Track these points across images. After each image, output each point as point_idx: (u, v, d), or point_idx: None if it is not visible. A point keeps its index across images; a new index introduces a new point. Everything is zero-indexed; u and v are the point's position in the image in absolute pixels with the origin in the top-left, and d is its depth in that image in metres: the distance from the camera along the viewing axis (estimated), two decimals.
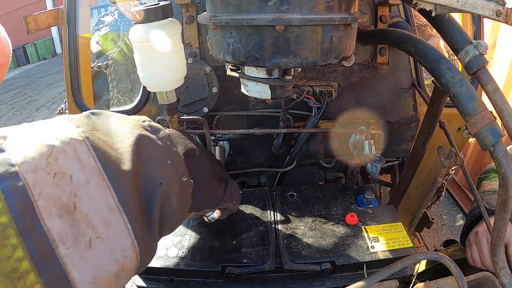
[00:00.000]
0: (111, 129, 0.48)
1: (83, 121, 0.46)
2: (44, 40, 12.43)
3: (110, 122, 0.49)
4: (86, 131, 0.44)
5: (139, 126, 0.52)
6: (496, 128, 0.63)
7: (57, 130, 0.42)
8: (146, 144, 0.50)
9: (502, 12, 0.61)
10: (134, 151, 0.47)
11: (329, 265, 0.73)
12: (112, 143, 0.46)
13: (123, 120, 0.51)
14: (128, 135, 0.48)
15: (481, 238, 1.05)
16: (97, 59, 1.78)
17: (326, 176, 1.18)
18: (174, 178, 0.52)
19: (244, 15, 0.64)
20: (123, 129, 0.49)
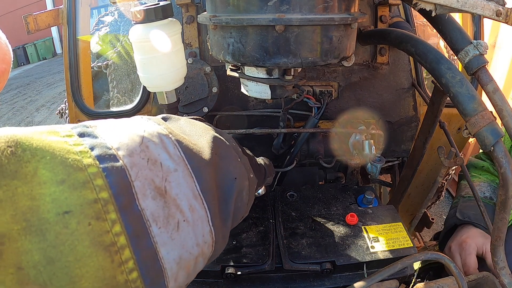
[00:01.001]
0: (186, 130, 0.52)
1: (161, 121, 0.50)
2: (44, 40, 12.43)
3: (182, 125, 0.54)
4: (168, 128, 0.48)
5: (209, 128, 0.56)
6: (496, 128, 0.63)
7: (143, 124, 0.45)
8: (220, 143, 0.54)
9: (502, 12, 0.61)
10: (211, 147, 0.51)
11: (329, 265, 0.73)
12: (191, 140, 0.50)
13: (193, 123, 0.55)
14: (203, 134, 0.53)
15: (454, 253, 1.05)
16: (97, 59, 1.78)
17: (326, 176, 1.18)
18: (245, 174, 0.56)
19: (244, 15, 0.64)
20: (196, 130, 0.53)
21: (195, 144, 0.49)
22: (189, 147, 0.47)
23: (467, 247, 1.02)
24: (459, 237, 1.06)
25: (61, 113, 1.63)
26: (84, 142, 0.37)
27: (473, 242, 1.02)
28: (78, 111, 1.20)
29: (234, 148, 0.56)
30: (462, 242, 1.05)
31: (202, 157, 0.48)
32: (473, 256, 1.01)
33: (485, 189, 1.18)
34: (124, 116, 1.23)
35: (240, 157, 0.57)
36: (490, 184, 1.19)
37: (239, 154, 0.57)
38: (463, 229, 1.07)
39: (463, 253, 1.03)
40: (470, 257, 1.01)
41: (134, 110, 1.17)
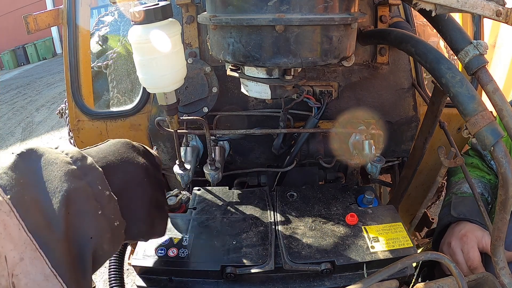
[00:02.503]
0: (40, 180, 0.49)
1: (10, 175, 0.46)
2: (44, 40, 12.44)
3: (37, 170, 0.50)
4: (14, 192, 0.45)
5: (69, 172, 0.51)
6: (496, 128, 0.63)
7: None
8: (76, 198, 0.50)
9: (502, 12, 0.61)
10: (64, 207, 0.48)
11: (329, 265, 0.73)
12: (42, 201, 0.47)
13: (52, 164, 0.51)
14: (58, 188, 0.49)
15: (455, 249, 1.04)
16: (97, 59, 1.78)
17: (326, 176, 1.18)
18: (105, 227, 0.53)
19: (244, 15, 0.64)
20: (52, 180, 0.49)
21: (46, 209, 0.47)
22: (36, 221, 0.45)
23: (468, 240, 1.01)
24: (457, 233, 1.05)
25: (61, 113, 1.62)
26: None
27: (473, 236, 1.01)
28: (78, 111, 1.20)
29: (96, 196, 0.52)
30: (462, 236, 1.03)
31: (51, 229, 0.46)
32: (476, 249, 1.00)
33: (476, 185, 1.17)
34: (124, 116, 1.23)
35: (104, 206, 0.53)
36: (481, 180, 1.19)
37: (103, 202, 0.53)
38: (460, 225, 1.07)
39: (465, 247, 1.01)
40: (473, 251, 1.00)
41: (134, 110, 1.17)
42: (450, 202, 1.14)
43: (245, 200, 0.93)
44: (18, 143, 5.45)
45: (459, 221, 1.08)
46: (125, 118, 1.18)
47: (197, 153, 1.07)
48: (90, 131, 1.22)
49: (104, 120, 1.19)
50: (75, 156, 0.53)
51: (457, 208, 1.09)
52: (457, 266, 1.03)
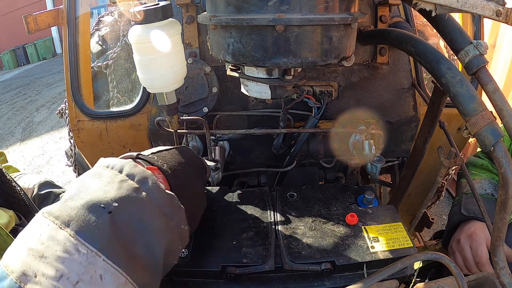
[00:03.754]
0: (140, 236, 0.53)
1: (111, 238, 0.50)
2: (44, 40, 12.44)
3: (135, 224, 0.53)
4: (122, 257, 0.49)
5: (164, 222, 0.56)
6: (496, 128, 0.63)
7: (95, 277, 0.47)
8: (170, 247, 0.58)
9: (502, 12, 0.61)
10: (163, 259, 0.56)
11: (329, 265, 0.73)
12: (146, 261, 0.53)
13: (146, 215, 0.54)
14: (156, 241, 0.54)
15: (464, 246, 1.04)
16: (97, 59, 1.78)
17: (326, 176, 1.18)
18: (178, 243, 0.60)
19: (244, 15, 0.64)
20: (150, 232, 0.54)
21: (148, 267, 0.53)
22: (142, 280, 0.51)
23: (477, 238, 1.02)
24: (467, 230, 1.06)
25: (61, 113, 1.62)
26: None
27: (482, 234, 1.02)
28: (78, 111, 1.20)
29: (181, 236, 0.60)
30: (471, 233, 1.04)
31: (152, 280, 0.54)
32: (484, 247, 1.00)
33: (486, 186, 1.18)
34: (124, 116, 1.23)
35: (183, 243, 0.62)
36: (491, 181, 1.20)
37: (183, 240, 0.61)
38: (470, 223, 1.07)
39: (473, 244, 1.02)
40: (482, 248, 1.00)
41: (134, 110, 1.17)
42: (460, 201, 1.15)
43: (245, 200, 0.93)
44: (18, 143, 5.45)
45: (469, 220, 1.09)
46: (125, 118, 1.18)
47: (197, 153, 1.07)
48: (90, 131, 1.22)
49: (104, 120, 1.19)
50: (165, 202, 0.58)
51: (467, 207, 1.11)
52: (465, 263, 1.05)
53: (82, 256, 0.46)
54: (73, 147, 1.57)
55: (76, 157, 1.63)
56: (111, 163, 0.60)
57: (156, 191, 0.57)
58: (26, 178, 1.37)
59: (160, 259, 0.55)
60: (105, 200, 0.52)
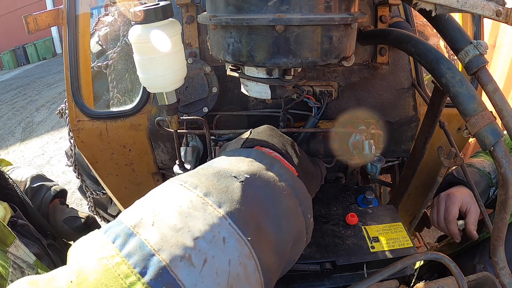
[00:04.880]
0: (270, 216, 0.49)
1: (244, 210, 0.46)
2: (44, 40, 12.45)
3: (266, 203, 0.50)
4: (251, 231, 0.45)
5: (292, 207, 0.52)
6: (496, 128, 0.63)
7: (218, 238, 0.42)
8: (298, 236, 0.53)
9: (502, 12, 0.61)
10: (290, 245, 0.51)
11: (329, 265, 0.73)
12: (274, 239, 0.48)
13: (277, 195, 0.51)
14: (286, 224, 0.50)
15: (441, 202, 1.13)
16: (97, 59, 1.78)
17: (326, 176, 1.18)
18: (303, 234, 0.55)
19: (244, 15, 0.64)
20: (279, 214, 0.50)
21: (275, 249, 0.48)
22: (268, 263, 0.46)
23: (453, 197, 1.10)
24: (449, 191, 1.15)
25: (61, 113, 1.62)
26: (135, 270, 0.37)
27: (460, 196, 1.10)
28: (78, 111, 1.20)
29: (307, 226, 0.55)
30: (450, 193, 1.12)
31: (277, 267, 0.49)
32: (456, 207, 1.08)
33: (487, 166, 1.24)
34: (124, 116, 1.23)
35: (308, 234, 0.56)
36: (493, 165, 1.23)
37: (308, 231, 0.56)
38: (456, 187, 1.16)
39: (448, 201, 1.10)
40: (453, 206, 1.08)
41: (134, 110, 1.16)
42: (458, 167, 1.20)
43: None
44: (18, 143, 5.45)
45: (457, 183, 1.16)
46: (125, 118, 1.18)
47: (197, 153, 1.07)
48: (90, 131, 1.22)
49: (104, 120, 1.19)
50: (295, 185, 0.54)
51: (461, 173, 1.16)
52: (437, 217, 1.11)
53: (208, 215, 0.43)
54: (73, 147, 1.58)
55: (76, 157, 1.63)
56: (236, 151, 0.58)
57: (286, 173, 0.54)
58: (18, 171, 1.38)
59: (288, 244, 0.51)
60: (237, 171, 0.50)
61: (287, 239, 0.50)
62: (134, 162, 1.26)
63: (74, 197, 3.64)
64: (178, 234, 0.40)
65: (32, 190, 1.32)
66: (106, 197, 1.89)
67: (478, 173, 1.19)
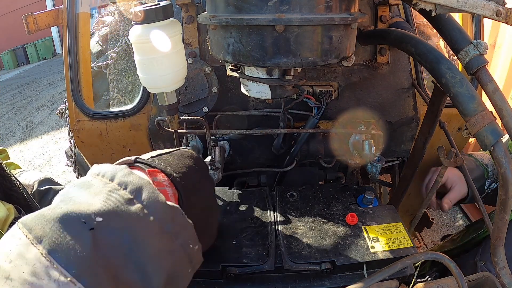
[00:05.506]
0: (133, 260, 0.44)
1: (91, 259, 0.41)
2: (44, 40, 12.45)
3: (124, 246, 0.44)
4: (91, 281, 0.40)
5: (164, 241, 0.47)
6: (496, 128, 0.63)
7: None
8: (175, 273, 0.49)
9: (502, 12, 0.61)
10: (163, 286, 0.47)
11: (329, 265, 0.73)
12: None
13: (140, 230, 0.45)
14: (157, 267, 0.45)
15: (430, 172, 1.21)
16: (97, 59, 1.78)
17: (326, 176, 1.18)
18: (186, 266, 0.52)
19: (244, 15, 0.64)
20: (147, 255, 0.45)
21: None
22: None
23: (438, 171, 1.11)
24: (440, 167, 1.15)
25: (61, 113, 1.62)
26: None
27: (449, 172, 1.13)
28: (78, 111, 1.20)
29: (190, 257, 0.51)
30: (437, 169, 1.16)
31: None
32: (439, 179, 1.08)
33: (486, 159, 1.26)
34: (124, 116, 1.23)
35: (193, 265, 0.52)
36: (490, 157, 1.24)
37: (193, 262, 0.52)
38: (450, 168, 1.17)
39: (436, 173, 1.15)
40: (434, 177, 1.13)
41: (134, 110, 1.17)
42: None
43: (245, 200, 0.93)
44: (18, 143, 5.45)
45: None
46: (125, 118, 1.18)
47: (197, 153, 1.07)
48: (90, 131, 1.22)
49: (104, 120, 1.19)
50: (166, 217, 0.48)
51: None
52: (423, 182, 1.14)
53: (53, 283, 0.38)
54: (73, 147, 1.58)
55: (76, 157, 1.63)
56: (102, 170, 0.51)
57: (154, 202, 0.47)
58: (26, 175, 1.38)
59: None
60: (87, 213, 0.43)
61: (159, 284, 0.46)
62: None
63: None
64: None
65: (39, 193, 1.32)
66: None
67: (474, 162, 1.21)
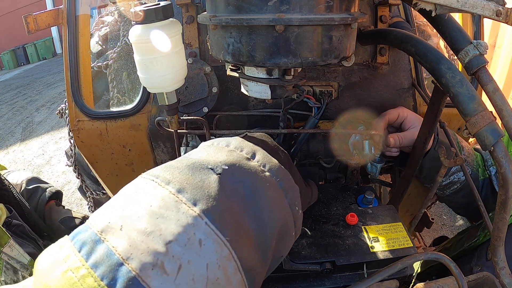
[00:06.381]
0: (251, 209, 0.46)
1: (221, 205, 0.42)
2: (44, 40, 12.45)
3: (246, 196, 0.46)
4: (230, 230, 0.41)
5: (277, 198, 0.48)
6: (496, 128, 0.63)
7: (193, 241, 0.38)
8: (284, 229, 0.50)
9: (502, 12, 0.61)
10: (274, 241, 0.48)
11: (329, 265, 0.73)
12: (255, 236, 0.45)
13: (258, 187, 0.47)
14: (269, 218, 0.47)
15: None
16: (97, 59, 1.78)
17: (326, 176, 1.18)
18: (291, 227, 0.52)
19: (244, 15, 0.64)
20: (262, 206, 0.46)
21: (257, 246, 0.45)
22: (249, 261, 0.43)
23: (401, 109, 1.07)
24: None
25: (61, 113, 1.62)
26: (102, 282, 0.34)
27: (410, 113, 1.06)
28: (78, 111, 1.20)
29: (295, 219, 0.52)
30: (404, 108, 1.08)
31: (262, 266, 0.46)
32: (395, 113, 1.06)
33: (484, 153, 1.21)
34: (124, 116, 1.23)
35: (297, 228, 0.53)
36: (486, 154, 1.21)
37: (297, 224, 0.53)
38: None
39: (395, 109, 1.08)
40: (393, 112, 1.06)
41: (134, 110, 1.17)
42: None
43: None
44: (18, 143, 5.45)
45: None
46: (125, 118, 1.18)
47: None
48: (90, 131, 1.22)
49: (104, 120, 1.20)
50: (279, 175, 0.51)
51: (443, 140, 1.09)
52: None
53: (181, 214, 0.39)
54: (73, 147, 1.58)
55: (76, 157, 1.63)
56: (216, 141, 0.55)
57: (269, 161, 0.50)
58: (14, 175, 1.39)
59: (272, 240, 0.47)
60: (214, 162, 0.46)
61: (271, 234, 0.47)
62: (134, 162, 1.26)
63: (74, 197, 3.64)
64: (149, 239, 0.37)
65: (28, 192, 1.32)
66: (106, 197, 1.89)
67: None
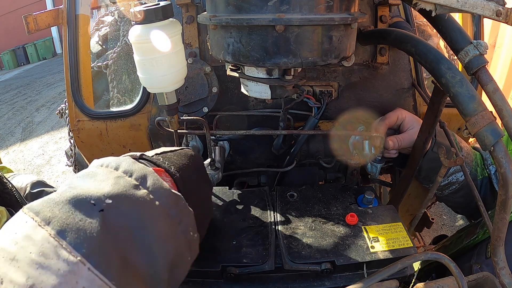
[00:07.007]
0: (139, 239, 0.45)
1: (101, 241, 0.41)
2: (44, 40, 12.45)
3: (132, 227, 0.45)
4: (115, 270, 0.40)
5: (168, 225, 0.48)
6: (496, 128, 0.63)
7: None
8: (177, 258, 0.50)
9: (502, 12, 0.61)
10: (168, 273, 0.47)
11: (329, 265, 0.73)
12: (145, 273, 0.44)
13: (147, 214, 0.46)
14: (161, 249, 0.46)
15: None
16: (97, 59, 1.78)
17: (326, 176, 1.18)
18: (186, 253, 0.52)
19: (244, 15, 0.64)
20: (151, 237, 0.46)
21: (148, 281, 0.44)
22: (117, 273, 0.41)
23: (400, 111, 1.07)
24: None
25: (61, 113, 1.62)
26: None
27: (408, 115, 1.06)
28: (78, 111, 1.20)
29: (190, 244, 0.52)
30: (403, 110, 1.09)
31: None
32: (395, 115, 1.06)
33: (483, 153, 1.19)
34: (124, 116, 1.23)
35: (192, 252, 0.54)
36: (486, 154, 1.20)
37: (192, 248, 0.53)
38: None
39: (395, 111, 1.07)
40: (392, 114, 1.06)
41: (134, 110, 1.17)
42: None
43: (245, 200, 0.93)
44: (18, 143, 5.45)
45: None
46: (125, 118, 1.18)
47: (197, 153, 1.07)
48: (90, 131, 1.22)
49: (104, 120, 1.20)
50: (170, 202, 0.49)
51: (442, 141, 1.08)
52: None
53: (62, 262, 0.37)
54: (73, 147, 1.58)
55: (76, 157, 1.63)
56: (106, 161, 0.53)
57: (159, 188, 0.49)
58: (19, 178, 1.39)
59: (164, 272, 0.47)
60: (96, 196, 0.43)
61: (162, 268, 0.46)
62: None
63: None
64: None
65: (32, 195, 1.32)
66: None
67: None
